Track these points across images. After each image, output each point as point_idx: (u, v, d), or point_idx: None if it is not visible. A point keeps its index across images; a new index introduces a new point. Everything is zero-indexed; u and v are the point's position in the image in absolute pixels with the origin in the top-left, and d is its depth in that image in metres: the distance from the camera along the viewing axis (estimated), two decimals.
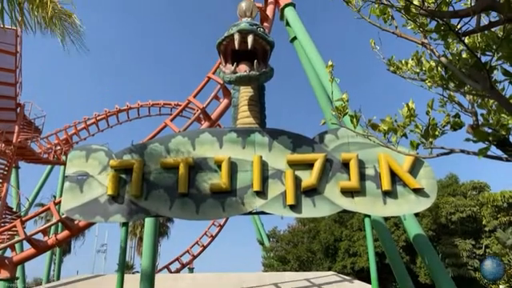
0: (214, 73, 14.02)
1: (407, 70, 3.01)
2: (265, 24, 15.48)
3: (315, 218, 32.26)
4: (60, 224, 15.11)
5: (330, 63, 3.26)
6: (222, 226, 34.15)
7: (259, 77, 8.67)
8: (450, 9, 2.47)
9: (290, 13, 15.74)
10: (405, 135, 2.82)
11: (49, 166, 29.64)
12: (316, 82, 14.76)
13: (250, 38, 8.39)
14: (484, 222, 22.21)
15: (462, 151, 2.59)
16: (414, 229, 11.54)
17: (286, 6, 15.91)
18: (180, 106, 23.80)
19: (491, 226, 21.86)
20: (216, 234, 34.10)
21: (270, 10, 16.07)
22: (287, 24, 15.91)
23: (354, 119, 2.98)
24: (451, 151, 2.65)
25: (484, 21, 2.44)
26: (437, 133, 2.66)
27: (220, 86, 13.73)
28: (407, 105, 2.75)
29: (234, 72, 8.59)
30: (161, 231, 38.13)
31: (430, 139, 2.63)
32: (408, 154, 2.91)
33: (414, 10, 2.43)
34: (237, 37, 8.40)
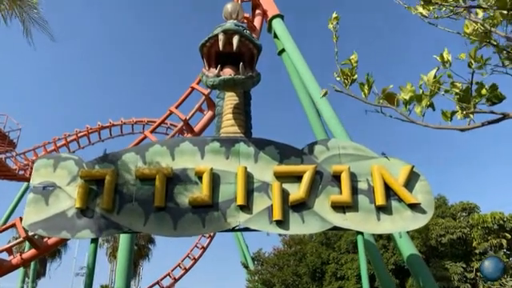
0: (198, 83, 13.41)
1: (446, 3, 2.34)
2: None
3: (301, 240, 31.45)
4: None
5: (334, 15, 2.62)
6: (205, 248, 32.97)
7: (245, 81, 8.06)
8: None
9: (278, 25, 15.33)
10: (431, 105, 2.19)
11: (25, 184, 28.42)
12: (304, 94, 14.26)
13: (235, 39, 7.82)
14: (474, 244, 21.62)
15: None
16: (407, 249, 10.86)
17: (274, 17, 15.51)
18: (165, 124, 23.16)
19: (482, 249, 21.26)
20: (199, 257, 32.87)
21: (257, 22, 15.66)
22: (275, 36, 15.49)
23: (366, 86, 2.31)
24: (504, 116, 1.99)
25: None
26: (484, 92, 2.00)
27: (204, 96, 13.11)
28: (441, 56, 2.09)
29: (218, 76, 7.97)
30: (142, 253, 36.67)
31: (475, 100, 1.97)
32: (438, 128, 2.25)
33: None
34: (221, 37, 7.82)
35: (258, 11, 16.13)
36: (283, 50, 15.11)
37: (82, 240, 35.70)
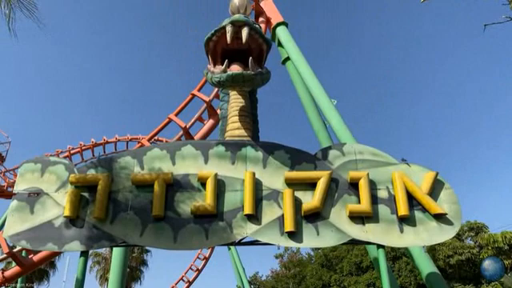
0: (199, 90, 12.73)
1: None
2: None
3: (301, 262, 30.43)
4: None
5: None
6: (200, 271, 31.73)
7: (254, 77, 7.35)
8: None
9: (282, 32, 14.81)
10: None
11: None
12: (310, 104, 13.64)
13: (244, 31, 7.16)
14: None
15: None
16: (426, 266, 10.02)
17: (278, 25, 15.01)
18: (161, 141, 22.42)
19: None
20: (194, 279, 31.60)
21: None
22: (279, 44, 14.97)
23: None
24: None
25: None
26: None
27: (206, 104, 12.41)
28: None
29: (225, 71, 7.28)
30: (133, 276, 35.23)
31: None
32: None
33: None
34: (229, 29, 7.16)
35: (261, 19, 15.69)
36: (287, 59, 14.59)
37: (71, 262, 34.25)
